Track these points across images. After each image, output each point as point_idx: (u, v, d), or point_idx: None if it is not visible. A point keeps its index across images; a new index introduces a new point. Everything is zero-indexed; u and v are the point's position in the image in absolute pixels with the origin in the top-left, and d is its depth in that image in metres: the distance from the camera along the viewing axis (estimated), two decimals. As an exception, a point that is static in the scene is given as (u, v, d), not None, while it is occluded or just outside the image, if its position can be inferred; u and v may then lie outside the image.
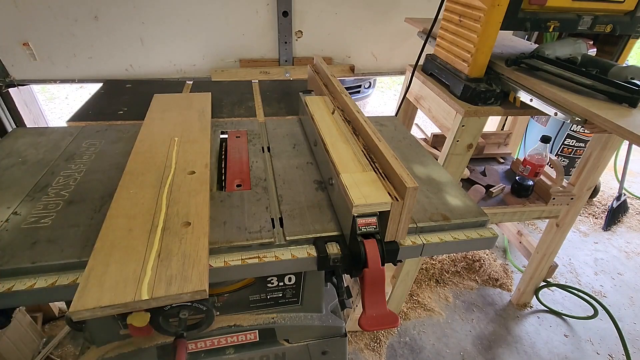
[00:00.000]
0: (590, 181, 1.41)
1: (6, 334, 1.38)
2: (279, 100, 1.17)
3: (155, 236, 0.53)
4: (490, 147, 1.90)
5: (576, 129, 2.34)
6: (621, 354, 1.65)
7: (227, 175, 0.76)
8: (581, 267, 2.15)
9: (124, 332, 0.72)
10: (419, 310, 1.83)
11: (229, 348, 0.81)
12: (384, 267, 0.57)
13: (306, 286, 0.78)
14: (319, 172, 0.78)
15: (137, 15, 1.49)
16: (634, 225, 2.52)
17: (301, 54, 1.73)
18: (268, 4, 1.57)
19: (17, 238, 0.57)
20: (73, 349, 1.55)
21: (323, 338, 0.85)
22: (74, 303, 0.43)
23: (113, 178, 0.72)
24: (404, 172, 0.58)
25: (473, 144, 1.21)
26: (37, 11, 1.42)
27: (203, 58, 1.65)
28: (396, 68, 1.88)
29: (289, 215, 0.65)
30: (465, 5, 1.10)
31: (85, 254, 0.53)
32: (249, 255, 0.58)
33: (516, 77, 1.10)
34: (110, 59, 1.57)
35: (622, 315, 1.86)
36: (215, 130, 0.94)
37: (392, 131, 1.00)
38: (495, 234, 0.67)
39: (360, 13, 1.68)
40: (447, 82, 1.23)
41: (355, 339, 1.67)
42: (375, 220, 0.58)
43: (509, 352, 1.66)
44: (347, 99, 0.84)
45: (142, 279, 0.47)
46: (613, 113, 0.86)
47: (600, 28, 1.07)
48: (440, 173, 0.81)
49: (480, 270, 2.06)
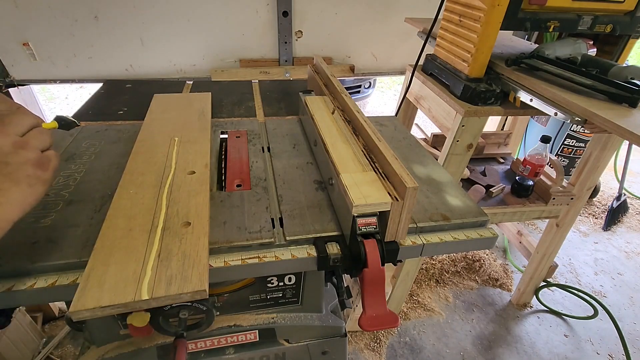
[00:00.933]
0: (590, 181, 1.42)
1: (6, 334, 1.38)
2: (279, 100, 1.17)
3: (155, 236, 0.53)
4: (490, 147, 1.90)
5: (576, 129, 2.34)
6: (621, 354, 1.65)
7: (227, 175, 0.76)
8: (581, 267, 2.15)
9: (124, 332, 0.72)
10: (419, 310, 1.83)
11: (229, 348, 0.81)
12: (384, 267, 0.57)
13: (306, 286, 0.78)
14: (319, 172, 0.78)
15: (137, 15, 1.49)
16: (634, 225, 2.52)
17: (301, 54, 1.73)
18: (268, 4, 1.57)
19: (17, 238, 0.57)
20: (73, 349, 1.55)
21: (323, 338, 0.85)
22: (74, 303, 0.43)
23: (113, 178, 0.72)
24: (404, 172, 0.58)
25: (473, 144, 1.21)
26: (37, 11, 1.42)
27: (203, 58, 1.65)
28: (396, 68, 1.88)
29: (289, 215, 0.65)
30: (465, 5, 1.10)
31: (85, 254, 0.52)
32: (249, 255, 0.58)
33: (516, 77, 1.10)
34: (110, 59, 1.57)
35: (622, 315, 1.86)
36: (215, 130, 0.94)
37: (392, 131, 1.00)
38: (495, 234, 0.67)
39: (360, 13, 1.68)
40: (447, 82, 1.23)
41: (355, 339, 1.67)
42: (375, 220, 0.58)
43: (509, 352, 1.66)
44: (347, 99, 0.84)
45: (142, 279, 0.47)
46: (613, 113, 0.86)
47: (600, 28, 1.07)
48: (440, 173, 0.81)
49: (480, 270, 2.06)
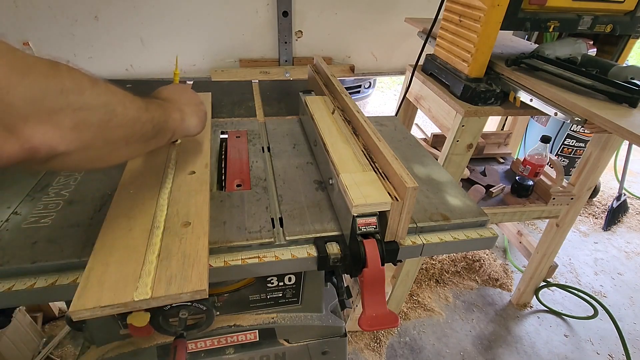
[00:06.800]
0: (590, 181, 1.42)
1: (6, 334, 1.38)
2: (279, 100, 1.17)
3: (155, 236, 0.53)
4: (490, 147, 1.90)
5: (576, 129, 2.34)
6: (621, 354, 1.65)
7: (227, 175, 0.76)
8: (581, 267, 2.15)
9: (124, 332, 0.72)
10: (419, 310, 1.83)
11: (229, 348, 0.81)
12: (384, 267, 0.57)
13: (306, 286, 0.78)
14: (319, 172, 0.78)
15: (137, 15, 1.49)
16: (634, 225, 2.52)
17: (301, 54, 1.73)
18: (268, 4, 1.57)
19: (17, 238, 0.57)
20: (73, 349, 1.55)
21: (323, 338, 0.85)
22: (74, 303, 0.43)
23: (113, 178, 0.72)
24: (404, 172, 0.58)
25: (473, 144, 1.21)
26: (37, 11, 1.41)
27: (203, 58, 1.65)
28: (396, 68, 1.88)
29: (289, 215, 0.65)
30: (465, 5, 1.10)
31: (85, 254, 0.52)
32: (249, 255, 0.58)
33: (516, 77, 1.10)
34: (110, 59, 1.57)
35: (622, 315, 1.86)
36: (215, 130, 0.94)
37: (392, 131, 1.00)
38: (495, 234, 0.67)
39: (360, 13, 1.68)
40: (447, 82, 1.23)
41: (355, 339, 1.67)
42: (375, 220, 0.58)
43: (509, 352, 1.66)
44: (347, 99, 0.84)
45: (142, 278, 0.47)
46: (613, 113, 0.86)
47: (600, 28, 1.08)
48: (440, 173, 0.81)
49: (480, 270, 2.06)
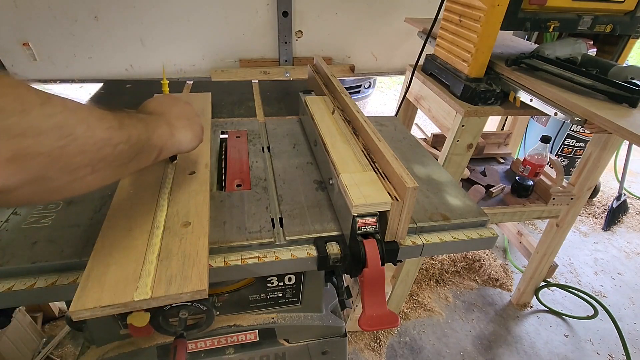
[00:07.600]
0: (590, 181, 1.42)
1: (6, 334, 1.38)
2: (279, 100, 1.17)
3: (155, 236, 0.53)
4: (490, 147, 1.90)
5: (576, 129, 2.34)
6: (621, 354, 1.65)
7: (227, 175, 0.76)
8: (581, 267, 2.15)
9: (124, 332, 0.72)
10: (419, 310, 1.83)
11: (229, 348, 0.81)
12: (384, 267, 0.57)
13: (306, 286, 0.78)
14: (319, 172, 0.78)
15: (137, 15, 1.49)
16: (634, 225, 2.52)
17: (301, 54, 1.73)
18: (268, 4, 1.57)
19: (17, 238, 0.57)
20: (73, 349, 1.55)
21: (323, 338, 0.85)
22: (74, 303, 0.43)
23: (113, 178, 0.72)
24: (404, 172, 0.58)
25: (473, 144, 1.21)
26: (37, 11, 1.42)
27: (203, 58, 1.65)
28: (396, 68, 1.88)
29: (289, 215, 0.65)
30: (465, 5, 1.10)
31: (85, 254, 0.52)
32: (249, 255, 0.58)
33: (516, 77, 1.10)
34: (110, 59, 1.57)
35: (622, 315, 1.86)
36: (215, 131, 0.94)
37: (392, 131, 1.00)
38: (495, 234, 0.67)
39: (360, 13, 1.68)
40: (447, 82, 1.23)
41: (355, 339, 1.67)
42: (375, 220, 0.58)
43: (509, 352, 1.66)
44: (347, 99, 0.84)
45: (142, 278, 0.47)
46: (613, 113, 0.86)
47: (600, 28, 1.08)
48: (440, 173, 0.81)
49: (480, 270, 2.06)
